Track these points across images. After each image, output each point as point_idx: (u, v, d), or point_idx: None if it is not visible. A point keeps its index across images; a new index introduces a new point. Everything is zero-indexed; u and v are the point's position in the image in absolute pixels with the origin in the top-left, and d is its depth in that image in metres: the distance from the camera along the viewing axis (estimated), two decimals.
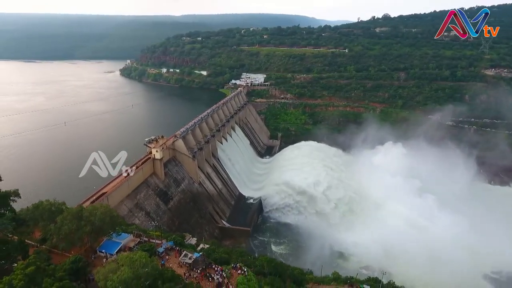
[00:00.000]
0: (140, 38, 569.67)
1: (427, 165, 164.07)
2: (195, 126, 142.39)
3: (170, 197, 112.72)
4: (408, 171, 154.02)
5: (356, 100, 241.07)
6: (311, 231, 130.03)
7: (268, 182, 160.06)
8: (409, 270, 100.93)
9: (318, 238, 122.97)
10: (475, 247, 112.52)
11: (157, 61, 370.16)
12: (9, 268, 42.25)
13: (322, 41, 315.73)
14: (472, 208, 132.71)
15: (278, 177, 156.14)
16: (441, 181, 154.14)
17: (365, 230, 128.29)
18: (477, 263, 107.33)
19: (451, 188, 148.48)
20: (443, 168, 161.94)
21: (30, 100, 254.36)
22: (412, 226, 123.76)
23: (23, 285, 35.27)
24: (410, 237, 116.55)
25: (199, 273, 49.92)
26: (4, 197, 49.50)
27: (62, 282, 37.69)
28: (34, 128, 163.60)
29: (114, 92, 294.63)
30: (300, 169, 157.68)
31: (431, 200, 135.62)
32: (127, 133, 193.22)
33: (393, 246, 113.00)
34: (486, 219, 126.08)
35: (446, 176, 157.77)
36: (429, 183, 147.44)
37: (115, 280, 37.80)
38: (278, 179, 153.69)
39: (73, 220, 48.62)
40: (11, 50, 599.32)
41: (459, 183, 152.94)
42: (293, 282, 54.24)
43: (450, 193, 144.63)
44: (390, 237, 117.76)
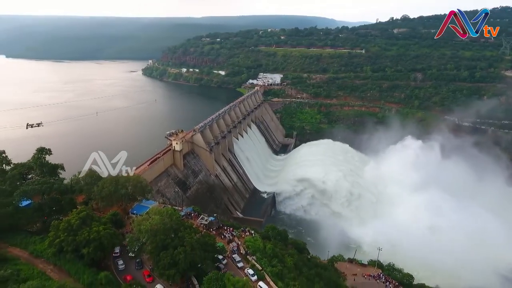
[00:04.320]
0: (161, 39, 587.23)
1: (443, 165, 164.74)
2: (213, 122, 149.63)
3: (188, 187, 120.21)
4: (424, 170, 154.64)
5: (371, 100, 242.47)
6: (321, 224, 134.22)
7: (282, 177, 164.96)
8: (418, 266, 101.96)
9: (328, 231, 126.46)
10: (489, 245, 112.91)
11: (177, 61, 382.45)
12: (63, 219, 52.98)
13: (339, 42, 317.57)
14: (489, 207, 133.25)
15: (292, 173, 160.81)
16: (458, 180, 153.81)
17: (375, 226, 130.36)
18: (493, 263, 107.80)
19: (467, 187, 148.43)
20: (459, 168, 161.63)
21: (61, 96, 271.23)
22: (425, 224, 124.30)
23: (78, 224, 47.68)
24: (421, 235, 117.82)
25: (214, 232, 58.29)
26: (54, 168, 59.97)
27: (106, 225, 50.09)
28: (71, 116, 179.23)
29: (137, 90, 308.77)
30: (313, 166, 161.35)
31: (444, 198, 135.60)
32: (150, 126, 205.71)
33: (403, 242, 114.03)
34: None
35: (462, 176, 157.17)
36: (443, 181, 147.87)
37: (147, 225, 47.33)
38: (292, 175, 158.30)
39: (112, 184, 59.58)
40: (42, 50, 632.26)
41: (476, 182, 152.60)
42: (295, 248, 60.51)
43: (467, 191, 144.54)
44: (401, 234, 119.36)
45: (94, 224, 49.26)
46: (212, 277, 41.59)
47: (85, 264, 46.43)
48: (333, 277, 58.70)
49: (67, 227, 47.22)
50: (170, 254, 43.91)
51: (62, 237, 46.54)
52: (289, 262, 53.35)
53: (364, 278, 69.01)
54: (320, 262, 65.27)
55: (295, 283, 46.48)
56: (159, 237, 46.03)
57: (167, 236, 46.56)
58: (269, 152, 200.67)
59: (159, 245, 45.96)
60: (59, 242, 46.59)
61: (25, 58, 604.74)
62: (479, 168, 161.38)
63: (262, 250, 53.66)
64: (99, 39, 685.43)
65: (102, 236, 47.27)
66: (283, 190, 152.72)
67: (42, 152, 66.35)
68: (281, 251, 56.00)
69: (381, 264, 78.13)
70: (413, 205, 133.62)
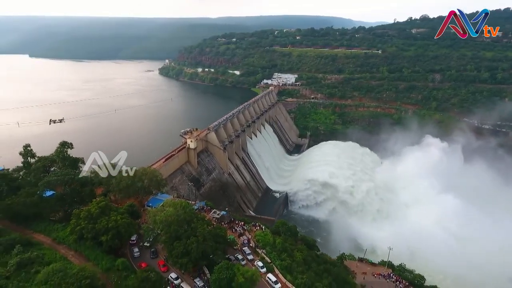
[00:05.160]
0: (178, 39, 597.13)
1: (464, 168, 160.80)
2: (227, 121, 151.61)
3: (202, 184, 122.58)
4: (445, 173, 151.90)
5: (387, 101, 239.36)
6: (334, 224, 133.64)
7: (295, 177, 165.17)
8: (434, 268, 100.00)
9: (340, 232, 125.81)
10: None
11: (193, 61, 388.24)
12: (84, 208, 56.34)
13: (355, 42, 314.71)
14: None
15: (305, 173, 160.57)
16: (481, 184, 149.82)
17: (389, 227, 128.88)
18: None
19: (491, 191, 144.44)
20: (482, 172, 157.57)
21: (80, 94, 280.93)
22: (446, 231, 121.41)
23: (97, 213, 51.16)
24: (442, 241, 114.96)
25: (225, 226, 60.41)
26: (75, 161, 63.41)
27: (123, 215, 53.64)
28: (91, 113, 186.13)
29: (153, 89, 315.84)
30: (327, 166, 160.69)
31: (467, 203, 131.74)
32: (165, 124, 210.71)
33: (422, 248, 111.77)
34: None
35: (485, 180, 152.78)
36: (466, 185, 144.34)
37: (162, 216, 49.87)
38: (305, 175, 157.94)
39: (129, 177, 62.91)
40: (63, 50, 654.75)
41: (501, 187, 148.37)
42: (305, 245, 61.39)
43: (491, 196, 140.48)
44: (415, 236, 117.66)
45: (112, 213, 52.60)
46: (223, 266, 43.28)
47: (104, 251, 49.52)
48: (342, 273, 59.17)
49: (88, 216, 50.44)
50: (183, 244, 46.00)
51: (82, 224, 49.74)
52: (298, 257, 54.39)
53: (374, 277, 69.06)
54: (329, 259, 65.78)
55: (303, 276, 47.47)
56: (173, 228, 48.22)
57: (180, 227, 48.70)
58: (283, 152, 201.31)
59: (172, 235, 48.18)
60: (79, 229, 49.78)
61: (47, 58, 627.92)
62: (503, 172, 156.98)
63: (272, 244, 54.96)
64: (117, 39, 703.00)
65: (120, 225, 50.23)
66: (296, 189, 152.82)
67: (64, 146, 70.03)
68: (290, 246, 57.16)
69: (392, 264, 77.82)
70: (433, 210, 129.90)
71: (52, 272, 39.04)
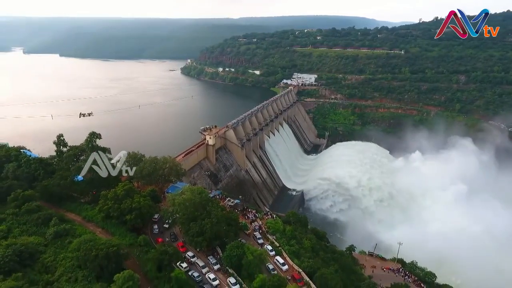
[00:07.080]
0: (200, 39, 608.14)
1: (492, 171, 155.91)
2: (245, 119, 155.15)
3: (219, 179, 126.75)
4: (471, 176, 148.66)
5: (409, 103, 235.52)
6: (350, 224, 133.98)
7: (311, 177, 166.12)
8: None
9: (356, 232, 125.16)
10: None
11: (214, 60, 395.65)
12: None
13: (377, 42, 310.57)
14: None
15: (322, 172, 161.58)
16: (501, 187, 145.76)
17: (405, 229, 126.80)
18: None
19: None
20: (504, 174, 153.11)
21: (106, 92, 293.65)
22: (473, 235, 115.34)
23: (123, 195, 56.78)
24: (468, 245, 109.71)
25: (238, 213, 64.00)
26: (103, 151, 68.67)
27: (145, 198, 58.85)
28: (117, 108, 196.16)
29: (175, 88, 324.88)
30: (344, 167, 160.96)
31: (496, 207, 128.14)
32: (186, 121, 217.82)
33: (432, 247, 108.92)
34: None
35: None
36: (494, 188, 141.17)
37: (180, 199, 54.82)
38: (321, 175, 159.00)
39: (151, 164, 68.51)
40: (91, 50, 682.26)
41: None
42: (314, 235, 63.74)
43: None
44: (431, 239, 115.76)
45: (136, 196, 57.72)
46: (234, 245, 47.23)
47: (127, 229, 55.11)
48: (350, 263, 61.09)
49: (114, 197, 56.01)
50: (199, 225, 50.34)
51: (109, 204, 55.29)
52: (306, 244, 57.08)
53: (383, 271, 70.32)
54: (337, 250, 67.75)
55: (310, 260, 50.03)
56: (189, 210, 52.71)
57: (196, 210, 53.08)
58: (300, 152, 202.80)
59: (189, 217, 52.63)
60: (107, 208, 55.38)
61: (76, 57, 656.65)
62: None
63: (282, 231, 58.00)
64: (142, 40, 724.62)
65: (142, 206, 55.49)
66: (312, 189, 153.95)
67: (93, 136, 75.75)
68: (300, 234, 59.85)
69: (403, 261, 78.55)
70: (458, 212, 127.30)
71: (84, 241, 44.85)
